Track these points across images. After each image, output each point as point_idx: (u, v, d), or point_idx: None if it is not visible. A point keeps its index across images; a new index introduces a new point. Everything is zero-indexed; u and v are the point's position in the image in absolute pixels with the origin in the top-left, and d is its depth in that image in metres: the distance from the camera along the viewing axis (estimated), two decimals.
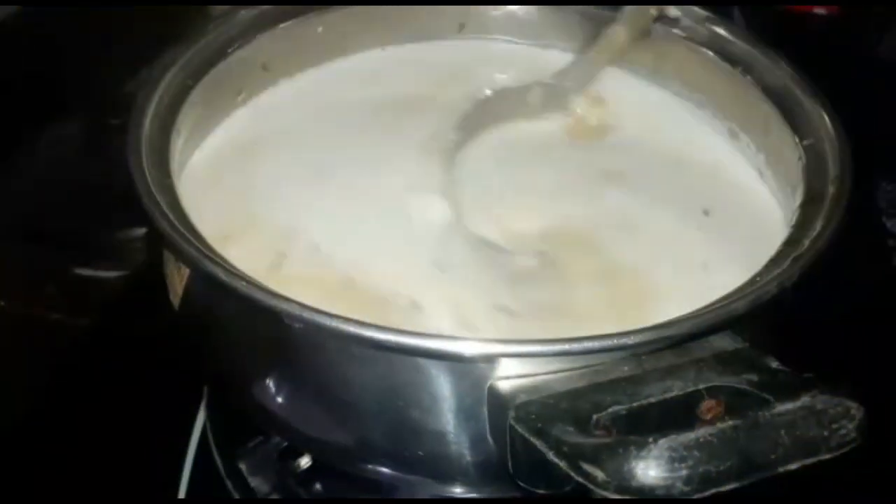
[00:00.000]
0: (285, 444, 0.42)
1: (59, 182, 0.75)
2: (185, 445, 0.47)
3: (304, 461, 0.42)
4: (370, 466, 0.36)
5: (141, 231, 0.71)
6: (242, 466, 0.43)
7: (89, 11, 0.81)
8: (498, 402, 0.29)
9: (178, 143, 0.38)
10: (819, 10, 0.80)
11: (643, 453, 0.24)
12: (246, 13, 0.43)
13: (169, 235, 0.30)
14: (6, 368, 0.59)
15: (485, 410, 0.30)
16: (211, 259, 0.29)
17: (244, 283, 0.28)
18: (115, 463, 0.47)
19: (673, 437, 0.24)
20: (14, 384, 0.57)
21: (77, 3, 0.79)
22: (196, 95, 0.40)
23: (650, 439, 0.24)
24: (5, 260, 0.70)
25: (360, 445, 0.34)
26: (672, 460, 0.24)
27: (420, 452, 0.33)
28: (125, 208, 0.73)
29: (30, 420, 0.51)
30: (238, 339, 0.35)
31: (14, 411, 0.52)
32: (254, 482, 0.42)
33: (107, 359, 0.54)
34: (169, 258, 0.36)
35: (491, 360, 0.29)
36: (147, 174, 0.33)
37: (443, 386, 0.31)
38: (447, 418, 0.31)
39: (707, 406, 0.28)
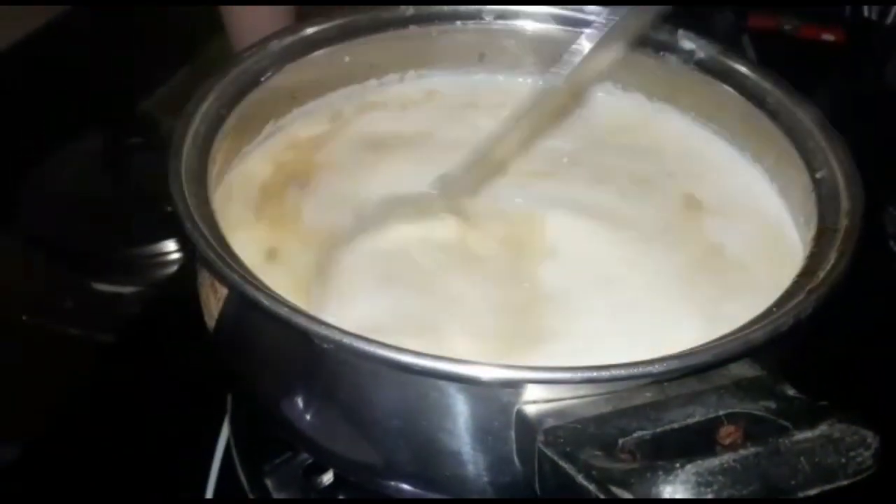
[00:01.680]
0: (310, 461, 0.43)
1: (78, 198, 0.76)
2: (209, 462, 0.48)
3: (327, 477, 0.44)
4: (393, 484, 0.37)
5: (156, 248, 0.72)
6: (268, 482, 0.44)
7: (105, 33, 0.83)
8: (526, 426, 0.30)
9: (213, 170, 0.39)
10: (827, 38, 0.81)
11: (671, 478, 0.25)
12: (277, 44, 0.44)
13: (213, 262, 0.31)
14: (30, 379, 0.60)
15: (512, 434, 0.31)
16: (253, 284, 0.31)
17: (286, 309, 0.30)
18: (138, 480, 0.48)
19: (698, 462, 0.25)
20: (38, 394, 0.58)
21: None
22: (230, 124, 0.41)
23: (677, 464, 0.25)
24: (25, 274, 0.72)
25: (388, 465, 0.35)
26: (698, 484, 0.25)
27: (446, 473, 0.34)
28: (141, 225, 0.75)
29: (50, 432, 0.52)
30: (271, 359, 0.36)
31: (36, 421, 0.53)
32: (278, 498, 0.44)
33: (128, 374, 0.55)
34: (205, 282, 0.37)
35: (519, 385, 0.30)
36: (188, 201, 0.34)
37: (471, 410, 0.32)
38: (474, 441, 0.32)
39: (726, 432, 0.29)
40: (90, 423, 0.52)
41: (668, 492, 0.25)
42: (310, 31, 0.46)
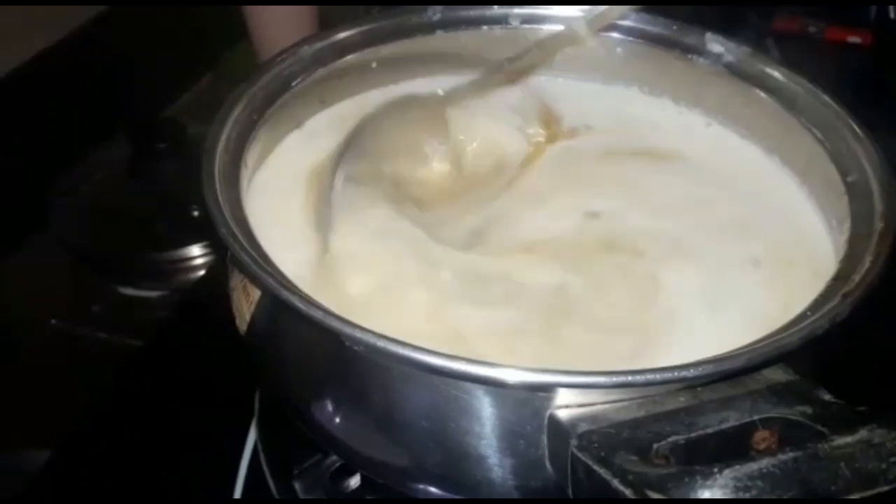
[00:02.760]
0: (337, 465, 0.44)
1: (104, 204, 0.77)
2: (237, 465, 0.48)
3: (355, 481, 0.44)
4: (422, 487, 0.37)
5: (182, 252, 0.73)
6: (295, 486, 0.44)
7: (130, 40, 0.84)
8: (559, 430, 0.30)
9: (244, 174, 0.39)
10: (853, 40, 0.81)
11: (709, 482, 0.25)
12: (307, 49, 0.45)
13: (246, 264, 0.32)
14: (59, 383, 0.61)
15: (544, 438, 0.31)
16: (286, 287, 0.31)
17: (320, 312, 0.30)
18: (165, 484, 0.49)
19: (737, 467, 0.25)
20: (66, 397, 0.59)
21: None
22: (261, 129, 0.41)
23: (715, 469, 0.25)
24: (53, 279, 0.73)
25: (417, 467, 0.36)
26: (737, 489, 0.25)
27: (477, 477, 0.34)
28: (167, 230, 0.76)
29: (78, 435, 0.52)
30: (303, 361, 0.36)
31: (65, 424, 0.54)
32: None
33: (156, 377, 0.56)
34: (237, 285, 0.37)
35: (551, 390, 0.30)
36: (221, 205, 0.34)
37: (503, 414, 0.32)
38: (506, 445, 0.32)
39: (761, 436, 0.29)
40: (118, 426, 0.53)
41: (706, 496, 0.24)
42: (339, 36, 0.46)
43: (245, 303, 0.36)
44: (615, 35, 0.48)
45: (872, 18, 0.83)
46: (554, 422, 0.30)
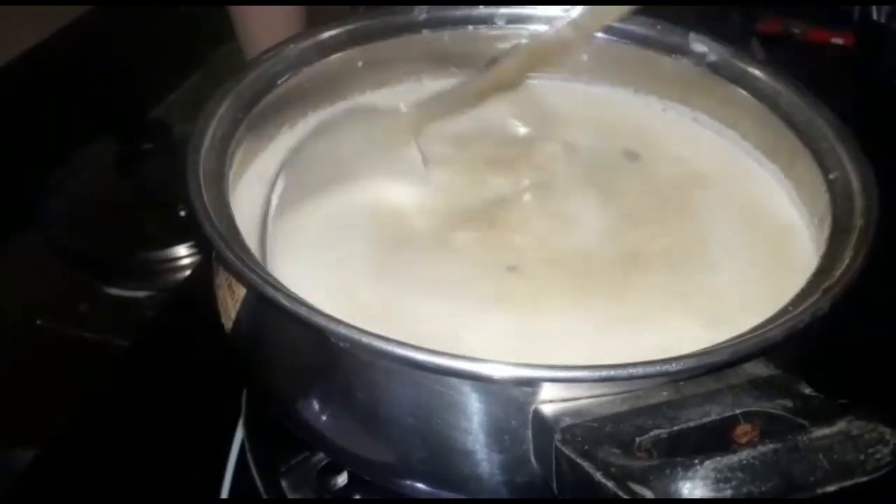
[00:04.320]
0: (324, 462, 0.44)
1: (90, 204, 0.77)
2: (224, 464, 0.48)
3: (342, 478, 0.44)
4: (409, 483, 0.37)
5: (168, 252, 0.73)
6: (283, 483, 0.44)
7: (116, 40, 0.84)
8: (543, 425, 0.30)
9: (230, 173, 0.39)
10: (836, 41, 0.82)
11: (689, 474, 0.25)
12: (294, 47, 0.45)
13: (232, 262, 0.32)
14: (45, 383, 0.60)
15: (529, 433, 0.31)
16: (271, 284, 0.31)
17: (305, 308, 0.30)
18: (152, 483, 0.49)
19: (717, 458, 0.25)
20: (52, 398, 0.59)
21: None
22: (245, 127, 0.41)
23: (696, 461, 0.25)
24: (39, 279, 0.72)
25: (404, 464, 0.36)
26: (717, 480, 0.25)
27: (463, 472, 0.34)
28: (153, 229, 0.76)
29: (64, 436, 0.52)
30: (289, 358, 0.36)
31: (51, 425, 0.53)
32: (293, 498, 0.44)
33: (143, 377, 0.56)
34: (222, 283, 0.37)
35: (536, 384, 0.30)
36: (207, 204, 0.34)
37: (488, 409, 0.32)
38: (491, 440, 0.33)
39: (743, 430, 0.30)
40: (105, 425, 0.52)
41: (687, 488, 0.25)
42: (325, 35, 0.46)
43: (230, 300, 0.36)
44: (599, 35, 0.49)
45: (855, 20, 0.84)
46: (538, 416, 0.31)
